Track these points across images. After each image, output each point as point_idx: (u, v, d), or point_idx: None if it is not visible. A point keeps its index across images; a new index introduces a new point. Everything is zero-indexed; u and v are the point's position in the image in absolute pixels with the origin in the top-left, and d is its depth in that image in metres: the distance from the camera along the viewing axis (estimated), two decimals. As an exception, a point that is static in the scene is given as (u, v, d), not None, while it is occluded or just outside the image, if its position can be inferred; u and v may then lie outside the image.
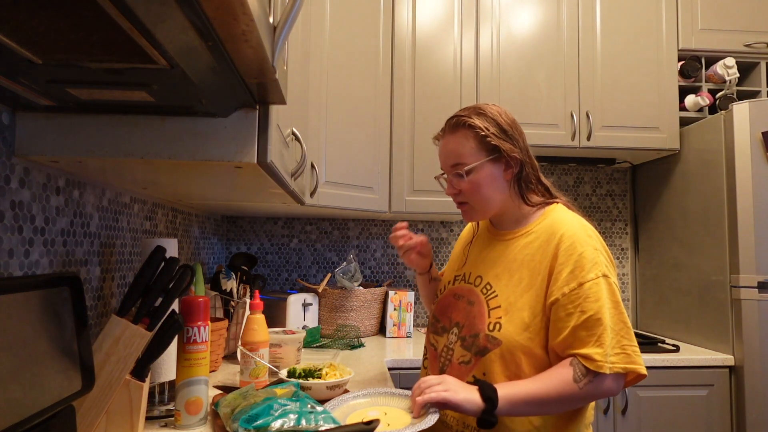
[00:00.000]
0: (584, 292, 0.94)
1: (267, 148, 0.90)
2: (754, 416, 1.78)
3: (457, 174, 1.06)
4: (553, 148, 2.19)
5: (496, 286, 1.05)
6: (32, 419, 0.69)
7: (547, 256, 1.00)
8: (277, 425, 0.85)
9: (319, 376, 1.22)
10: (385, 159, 2.10)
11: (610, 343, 0.93)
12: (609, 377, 0.93)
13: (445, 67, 2.16)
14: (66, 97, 0.78)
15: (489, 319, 1.01)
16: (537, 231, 1.05)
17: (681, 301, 2.14)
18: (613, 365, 0.92)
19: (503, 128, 1.05)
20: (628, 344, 0.95)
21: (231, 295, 1.76)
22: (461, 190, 1.07)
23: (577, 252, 0.97)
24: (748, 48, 2.19)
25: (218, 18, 0.54)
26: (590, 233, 1.02)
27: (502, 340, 0.98)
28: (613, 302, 0.96)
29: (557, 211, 1.07)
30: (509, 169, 1.06)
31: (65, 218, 1.03)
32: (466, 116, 1.06)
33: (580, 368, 0.93)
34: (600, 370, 0.92)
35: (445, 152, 1.09)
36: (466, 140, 1.05)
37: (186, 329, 1.01)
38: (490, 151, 1.04)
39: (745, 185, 1.82)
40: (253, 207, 1.88)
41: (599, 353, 0.92)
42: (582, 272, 0.96)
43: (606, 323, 0.93)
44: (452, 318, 1.10)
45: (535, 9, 2.19)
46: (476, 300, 1.06)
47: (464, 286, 1.12)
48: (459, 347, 1.05)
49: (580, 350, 0.93)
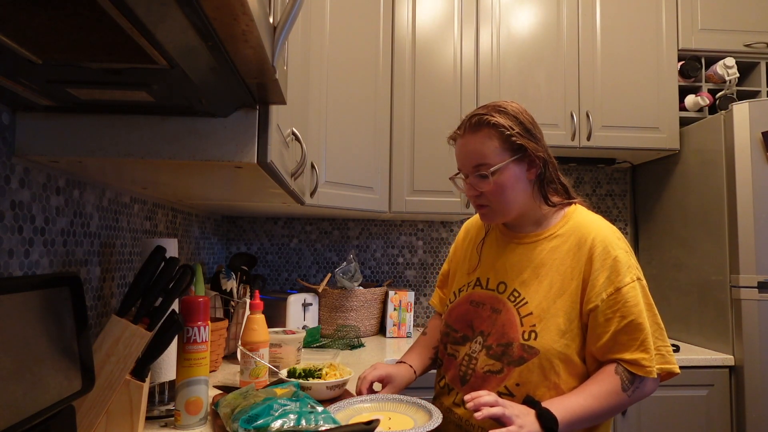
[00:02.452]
0: (622, 296, 0.94)
1: (267, 148, 0.90)
2: (754, 416, 1.78)
3: (480, 175, 1.00)
4: (553, 148, 2.14)
5: (525, 293, 1.01)
6: (32, 419, 0.69)
7: (581, 261, 0.98)
8: (277, 425, 0.85)
9: (319, 376, 1.22)
10: (385, 159, 2.10)
11: (653, 346, 0.94)
12: (652, 379, 0.94)
13: (445, 67, 2.16)
14: (66, 97, 0.78)
15: (522, 327, 0.98)
16: (563, 234, 1.02)
17: (681, 301, 2.14)
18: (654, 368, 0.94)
19: (526, 127, 1.02)
20: (663, 345, 0.97)
21: (231, 295, 1.76)
22: (483, 192, 1.02)
23: (611, 256, 0.96)
24: (748, 48, 2.19)
25: (218, 18, 0.54)
26: (619, 235, 1.01)
27: (539, 349, 0.95)
28: (647, 304, 0.97)
29: (580, 213, 1.05)
30: (532, 168, 1.02)
31: (65, 218, 1.03)
32: (488, 114, 1.00)
33: (626, 376, 0.93)
34: (650, 376, 0.92)
35: (465, 152, 1.03)
36: (489, 140, 0.99)
37: (186, 329, 1.01)
38: (515, 150, 1.00)
39: (745, 185, 1.82)
40: (253, 207, 1.87)
41: (647, 358, 0.92)
42: (618, 277, 0.95)
43: (647, 327, 0.94)
44: (474, 326, 1.06)
45: (535, 9, 2.19)
46: (503, 308, 1.02)
47: (484, 293, 1.07)
48: (484, 356, 1.01)
49: (624, 355, 0.93)
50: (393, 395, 1.06)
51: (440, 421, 0.92)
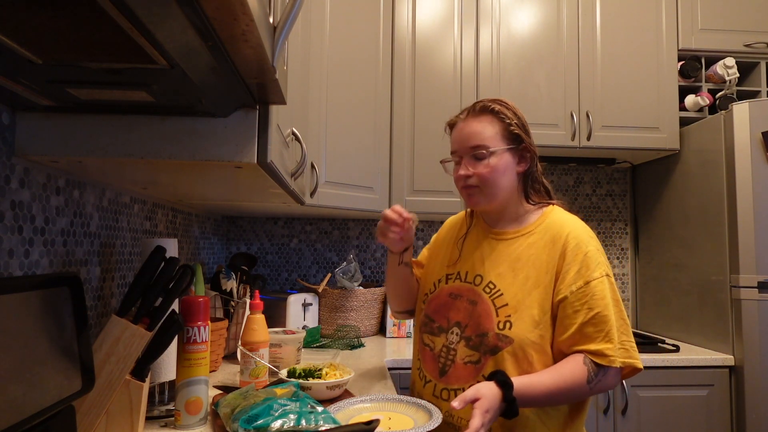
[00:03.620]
0: (591, 289, 0.99)
1: (267, 148, 0.90)
2: (754, 416, 1.78)
3: (476, 156, 1.06)
4: (553, 148, 2.19)
5: (500, 285, 1.05)
6: (32, 419, 0.69)
7: (555, 255, 1.03)
8: (277, 425, 0.85)
9: (319, 376, 1.22)
10: (385, 159, 2.10)
11: (617, 338, 0.97)
12: (613, 372, 0.97)
13: (445, 67, 2.16)
14: (66, 97, 0.78)
15: (498, 317, 1.02)
16: (539, 231, 1.07)
17: (681, 301, 2.14)
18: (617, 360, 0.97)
19: (523, 123, 1.10)
20: (627, 340, 1.00)
21: (231, 295, 1.76)
22: (476, 173, 1.06)
23: (583, 252, 1.01)
24: (748, 48, 2.19)
25: (218, 18, 0.54)
26: (591, 234, 1.07)
27: (513, 338, 1.00)
28: (615, 300, 1.01)
29: (557, 212, 1.10)
30: (522, 162, 1.09)
31: (65, 218, 1.03)
32: (492, 104, 1.09)
33: (592, 368, 0.96)
34: (612, 365, 0.96)
35: (466, 132, 1.08)
36: (491, 125, 1.07)
37: (186, 329, 1.01)
38: (512, 140, 1.07)
39: (745, 185, 1.82)
40: (253, 207, 1.87)
41: (610, 348, 0.96)
42: (588, 271, 1.00)
43: (612, 320, 0.97)
44: (450, 318, 1.10)
45: (535, 9, 2.19)
46: (479, 299, 1.06)
47: (462, 285, 1.11)
48: (463, 347, 1.05)
49: (589, 346, 0.97)
50: (393, 396, 1.07)
51: (440, 421, 0.93)
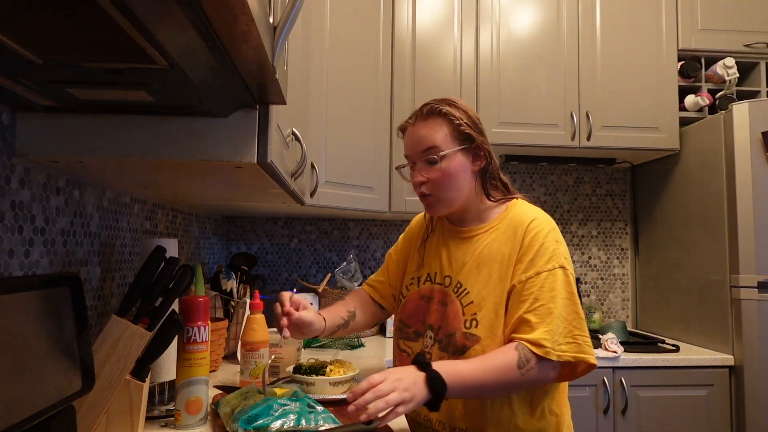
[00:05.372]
0: (540, 281, 0.97)
1: (267, 148, 0.90)
2: (754, 416, 1.78)
3: (428, 160, 1.04)
4: (553, 148, 2.19)
5: (466, 283, 1.04)
6: (32, 419, 0.69)
7: (515, 247, 1.02)
8: (277, 425, 0.85)
9: (324, 372, 1.22)
10: (385, 159, 2.10)
11: (561, 331, 0.94)
12: (552, 364, 0.93)
13: (445, 67, 2.16)
14: (66, 97, 0.78)
15: (464, 317, 1.01)
16: (502, 225, 1.06)
17: (681, 301, 2.14)
18: (563, 353, 0.93)
19: (474, 121, 1.07)
20: (580, 334, 0.96)
21: (231, 295, 1.76)
22: (429, 178, 1.05)
23: (539, 242, 1.00)
24: (747, 48, 2.19)
25: (218, 18, 0.54)
26: (553, 226, 1.04)
27: (480, 336, 0.98)
28: (568, 293, 0.97)
29: (520, 206, 1.09)
30: (477, 161, 1.07)
31: (65, 218, 1.03)
32: (439, 105, 1.06)
33: (525, 353, 0.92)
34: (547, 356, 0.92)
35: (415, 137, 1.07)
36: (439, 127, 1.05)
37: (186, 329, 1.01)
38: (463, 140, 1.05)
39: (745, 185, 1.82)
40: (253, 207, 1.88)
41: (548, 339, 0.92)
42: (540, 262, 0.98)
43: (556, 313, 0.94)
44: (425, 321, 1.08)
45: (535, 9, 2.19)
46: (449, 300, 1.05)
47: (433, 286, 1.10)
48: (437, 350, 1.04)
49: (528, 335, 0.93)
50: None
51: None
